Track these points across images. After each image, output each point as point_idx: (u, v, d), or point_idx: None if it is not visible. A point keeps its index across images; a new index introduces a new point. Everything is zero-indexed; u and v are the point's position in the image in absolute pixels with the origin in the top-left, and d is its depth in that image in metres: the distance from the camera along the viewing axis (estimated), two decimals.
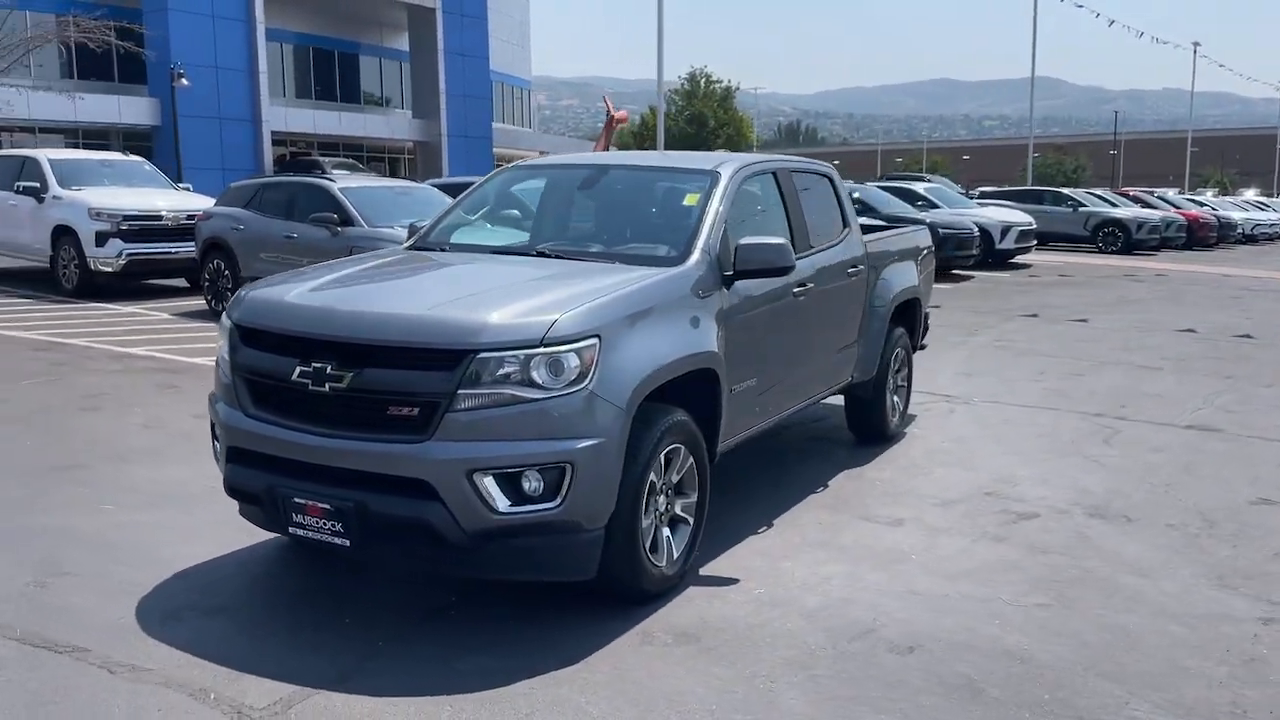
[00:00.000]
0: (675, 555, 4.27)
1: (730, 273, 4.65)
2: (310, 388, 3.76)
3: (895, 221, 18.64)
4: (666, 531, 4.24)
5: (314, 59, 44.74)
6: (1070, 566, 4.70)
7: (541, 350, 3.65)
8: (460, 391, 3.59)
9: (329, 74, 45.27)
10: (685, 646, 3.79)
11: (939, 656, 3.75)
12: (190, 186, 17.77)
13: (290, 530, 3.88)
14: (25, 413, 7.34)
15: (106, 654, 3.62)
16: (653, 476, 4.05)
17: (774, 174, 5.52)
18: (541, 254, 4.80)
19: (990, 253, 20.93)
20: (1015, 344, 11.30)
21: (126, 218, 14.03)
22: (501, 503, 3.62)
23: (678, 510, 4.32)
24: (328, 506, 3.72)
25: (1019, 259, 22.52)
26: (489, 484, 3.60)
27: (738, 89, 59.73)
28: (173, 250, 14.10)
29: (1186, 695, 3.49)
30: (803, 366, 5.55)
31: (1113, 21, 43.63)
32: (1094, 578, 4.56)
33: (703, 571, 4.52)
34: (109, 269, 13.82)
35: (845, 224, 6.18)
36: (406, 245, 5.33)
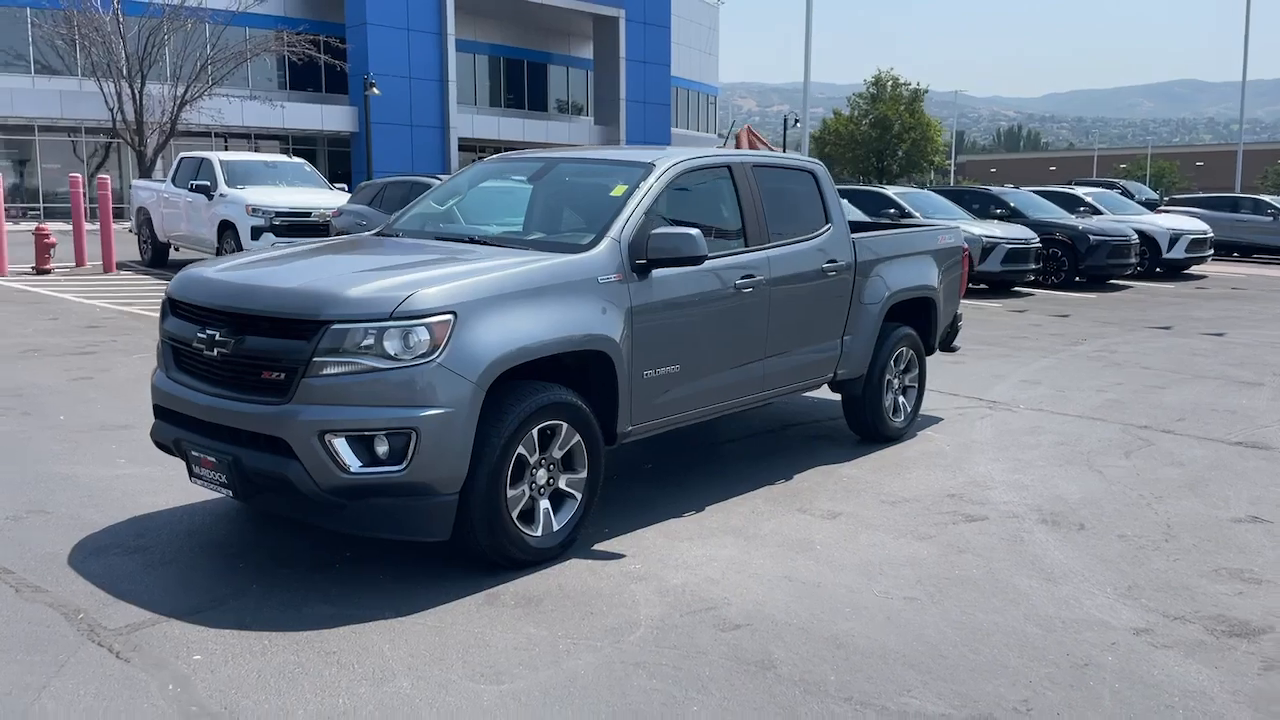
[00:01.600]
0: (556, 527, 4.47)
1: (643, 261, 4.81)
2: (205, 352, 4.21)
3: (1039, 226, 17.95)
4: (545, 504, 4.45)
5: (505, 68, 46.79)
6: (976, 567, 4.59)
7: (391, 323, 3.95)
8: (315, 359, 3.94)
9: (518, 82, 47.24)
10: (521, 609, 4.00)
11: (759, 636, 3.81)
12: (345, 187, 19.14)
13: (193, 479, 4.36)
14: (118, 381, 8.26)
15: (23, 576, 4.18)
16: (522, 450, 4.28)
17: (729, 168, 5.61)
18: (473, 240, 5.11)
19: (1158, 262, 19.74)
20: (1115, 355, 10.72)
21: (279, 214, 15.35)
22: (353, 463, 3.95)
23: (562, 485, 4.53)
24: (214, 459, 4.16)
25: (1195, 269, 21.07)
26: (340, 445, 3.93)
27: (926, 91, 58.07)
28: None
29: (980, 690, 3.43)
30: (757, 358, 5.60)
31: None
32: (991, 579, 4.45)
33: (597, 546, 4.71)
34: None
35: (827, 220, 6.17)
36: (373, 232, 5.76)
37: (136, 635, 3.68)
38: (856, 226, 6.92)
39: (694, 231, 4.80)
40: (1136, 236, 18.57)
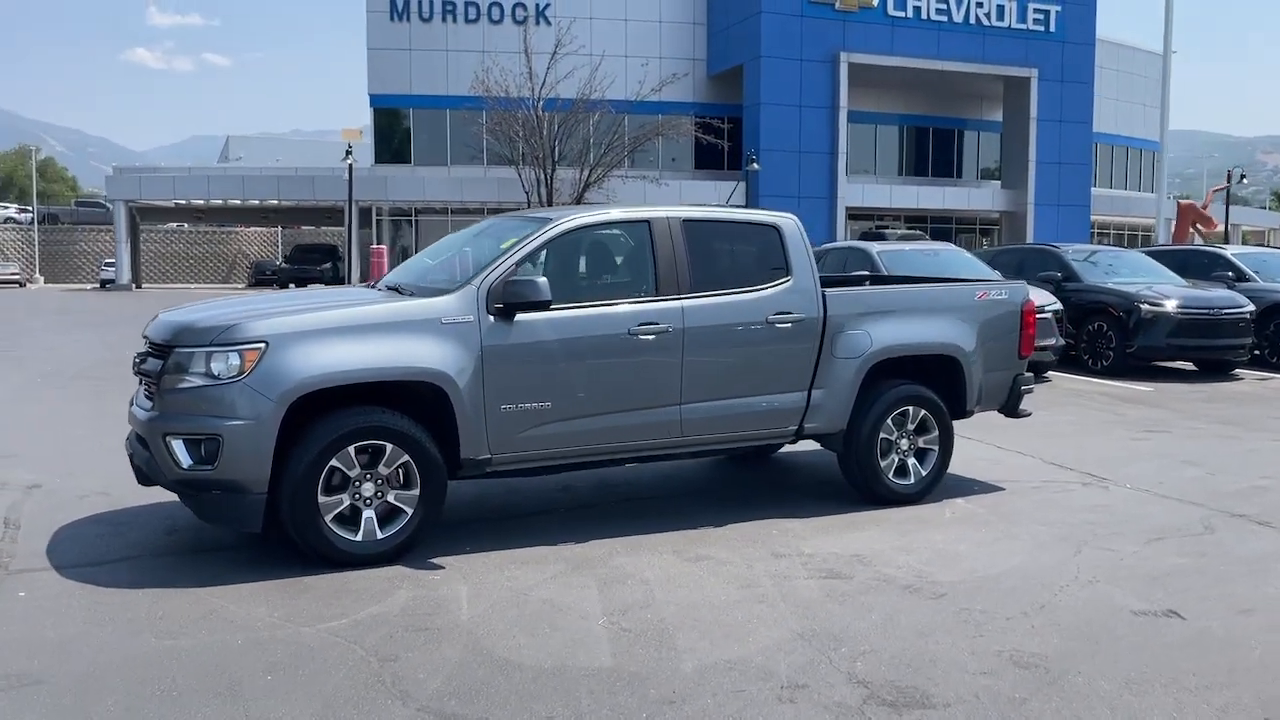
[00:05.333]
0: (379, 536, 5.10)
1: (500, 306, 5.33)
2: (135, 372, 5.44)
3: None
4: (370, 514, 5.10)
5: (910, 136, 46.62)
6: (745, 615, 4.50)
7: (213, 349, 4.89)
8: (165, 375, 4.98)
9: (923, 149, 46.78)
10: (281, 594, 4.68)
11: (423, 639, 4.17)
12: None
13: (133, 468, 5.56)
14: None
15: (15, 533, 5.60)
16: (338, 463, 4.98)
17: (648, 223, 5.88)
18: (394, 289, 5.90)
19: None
20: None
21: None
22: (185, 460, 4.91)
23: (391, 499, 5.14)
24: (130, 453, 5.35)
25: None
26: (176, 445, 4.92)
27: None
28: None
29: (530, 709, 3.57)
30: (666, 403, 5.74)
31: None
32: (734, 628, 4.35)
33: (434, 559, 5.22)
34: None
35: (787, 273, 6.15)
36: (362, 284, 6.76)
37: (15, 576, 4.90)
38: (883, 280, 6.72)
39: (540, 280, 5.25)
40: None
